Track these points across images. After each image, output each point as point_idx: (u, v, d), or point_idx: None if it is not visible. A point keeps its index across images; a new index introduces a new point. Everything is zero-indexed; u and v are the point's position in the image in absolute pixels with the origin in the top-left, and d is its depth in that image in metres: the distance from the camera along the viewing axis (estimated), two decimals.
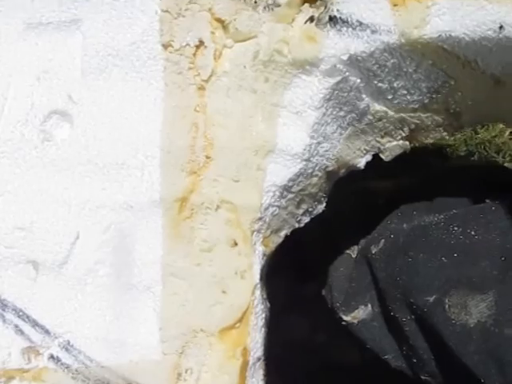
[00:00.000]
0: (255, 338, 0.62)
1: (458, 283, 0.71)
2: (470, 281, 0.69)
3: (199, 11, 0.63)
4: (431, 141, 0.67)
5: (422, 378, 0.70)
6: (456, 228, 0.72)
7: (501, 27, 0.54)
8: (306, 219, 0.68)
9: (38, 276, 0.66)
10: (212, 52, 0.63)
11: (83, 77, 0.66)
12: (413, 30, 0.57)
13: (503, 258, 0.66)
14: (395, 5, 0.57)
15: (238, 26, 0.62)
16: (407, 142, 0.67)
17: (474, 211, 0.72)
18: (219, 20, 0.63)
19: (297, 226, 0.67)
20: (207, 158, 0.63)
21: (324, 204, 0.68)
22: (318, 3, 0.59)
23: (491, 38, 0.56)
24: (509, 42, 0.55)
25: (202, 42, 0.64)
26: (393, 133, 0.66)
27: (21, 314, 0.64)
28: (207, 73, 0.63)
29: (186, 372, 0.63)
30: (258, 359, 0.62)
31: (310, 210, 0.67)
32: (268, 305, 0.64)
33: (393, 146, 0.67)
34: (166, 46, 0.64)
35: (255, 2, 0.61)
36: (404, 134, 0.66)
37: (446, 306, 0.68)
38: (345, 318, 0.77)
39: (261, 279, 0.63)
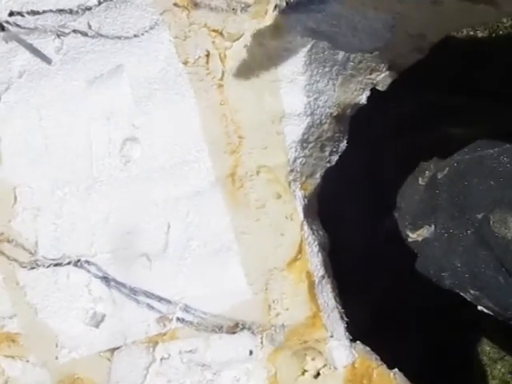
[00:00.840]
0: (314, 262, 1.25)
1: (500, 203, 1.33)
2: (510, 201, 1.25)
3: (199, 29, 1.28)
4: (410, 63, 1.23)
5: (471, 292, 1.26)
6: (505, 158, 1.35)
7: None
8: (335, 158, 1.30)
9: (152, 263, 1.36)
10: (218, 56, 1.28)
11: (137, 106, 1.35)
12: None
13: None
14: None
15: (229, 30, 1.26)
16: (393, 71, 1.24)
17: None
18: (215, 30, 1.27)
19: (328, 165, 1.29)
20: (239, 137, 1.28)
21: (345, 141, 1.29)
22: None
23: None
24: None
25: (208, 52, 1.27)
26: (377, 67, 1.26)
27: (148, 294, 1.35)
28: (219, 73, 1.28)
29: (273, 302, 1.28)
30: (323, 277, 1.26)
31: (335, 149, 1.30)
32: (320, 234, 1.25)
33: (382, 78, 1.27)
34: (185, 63, 1.31)
35: (233, 9, 1.23)
36: (387, 66, 1.23)
37: (491, 222, 1.28)
38: (411, 235, 1.38)
39: (305, 216, 1.24)
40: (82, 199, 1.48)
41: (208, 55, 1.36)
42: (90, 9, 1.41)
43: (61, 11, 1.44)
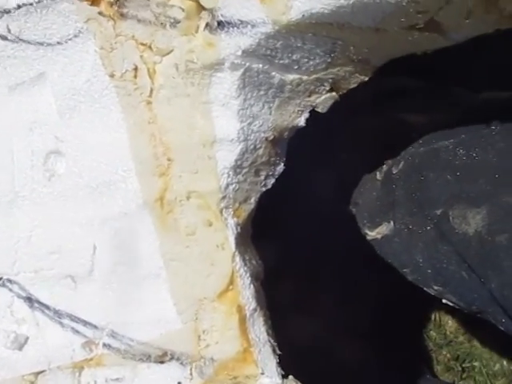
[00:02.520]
0: (246, 295, 1.19)
1: (458, 198, 1.25)
2: (468, 196, 1.23)
3: (126, 41, 1.19)
4: (355, 85, 1.15)
5: (435, 287, 1.22)
6: (461, 150, 1.26)
7: None
8: (271, 181, 1.23)
9: (77, 286, 1.30)
10: (146, 72, 1.19)
11: (61, 118, 1.26)
12: (281, 16, 1.08)
13: (497, 176, 1.16)
14: None
15: (158, 45, 1.17)
16: (334, 93, 1.16)
17: (478, 136, 1.23)
18: (143, 44, 1.18)
19: (264, 189, 1.22)
20: (169, 160, 1.20)
21: (282, 165, 1.21)
22: (204, 13, 1.10)
23: (346, 5, 1.03)
24: (362, 5, 1.02)
25: (136, 66, 1.19)
26: (317, 90, 1.17)
27: (73, 317, 1.29)
28: (148, 90, 1.20)
29: (203, 333, 1.23)
30: (255, 310, 1.20)
31: (271, 173, 1.23)
32: (253, 264, 1.19)
33: (323, 100, 1.19)
34: (112, 76, 1.21)
35: (162, 24, 1.14)
36: (327, 88, 1.16)
37: (451, 218, 1.22)
38: (370, 233, 1.33)
39: (237, 246, 1.17)
40: (4, 214, 1.40)
41: (136, 69, 1.27)
42: (8, 12, 1.31)
43: None
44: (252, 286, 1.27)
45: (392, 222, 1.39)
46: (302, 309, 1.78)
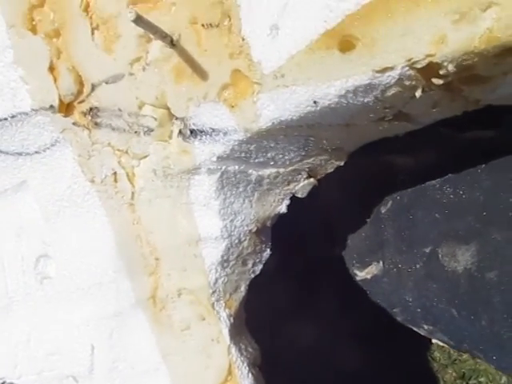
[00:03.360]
0: None
1: (447, 235, 1.29)
2: (457, 233, 1.27)
3: (102, 148, 1.21)
4: (331, 170, 1.18)
5: (425, 327, 1.24)
6: (448, 189, 1.29)
7: (315, 102, 1.04)
8: (259, 267, 1.25)
9: None
10: (125, 176, 1.22)
11: (46, 223, 1.28)
12: (251, 124, 1.10)
13: (484, 213, 1.18)
14: (232, 106, 1.10)
15: (134, 151, 1.19)
16: (312, 179, 1.19)
17: (464, 174, 1.25)
18: (119, 150, 1.21)
19: (252, 276, 1.24)
20: (156, 259, 1.23)
21: (268, 250, 1.24)
22: (176, 121, 1.12)
23: (314, 110, 1.06)
24: (330, 109, 1.05)
25: (115, 171, 1.21)
26: (294, 179, 1.21)
27: None
28: (129, 193, 1.22)
29: None
30: None
31: (258, 260, 1.26)
32: (249, 351, 1.22)
33: (301, 187, 1.22)
34: (92, 181, 1.23)
35: (135, 132, 1.16)
36: (305, 176, 1.18)
37: (440, 256, 1.24)
38: (359, 273, 1.37)
39: (231, 338, 1.20)
40: (1, 319, 1.43)
41: (115, 174, 1.29)
42: None
43: None
44: (250, 374, 1.30)
45: (381, 262, 1.42)
46: (302, 313, 1.81)
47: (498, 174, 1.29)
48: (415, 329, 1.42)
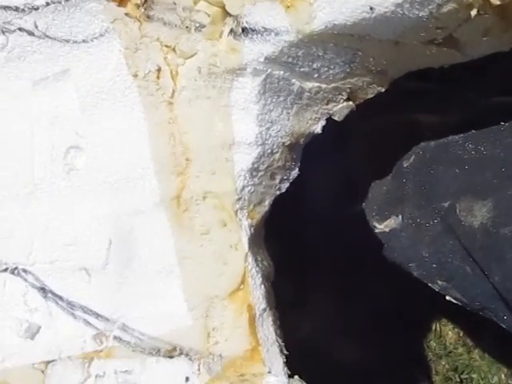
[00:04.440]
0: (256, 295, 1.25)
1: (466, 191, 1.32)
2: (475, 188, 1.30)
3: (150, 42, 1.24)
4: (371, 96, 1.20)
5: (439, 282, 1.27)
6: (470, 145, 1.33)
7: (371, 8, 1.07)
8: (286, 185, 1.28)
9: (91, 278, 1.35)
10: (169, 73, 1.25)
11: (82, 114, 1.32)
12: (304, 26, 1.13)
13: (503, 169, 1.21)
14: (288, 7, 1.13)
15: (182, 48, 1.23)
16: (350, 102, 1.23)
17: (487, 131, 1.29)
18: (167, 46, 1.24)
19: (278, 193, 1.27)
20: (187, 160, 1.26)
21: (297, 169, 1.27)
22: (229, 19, 1.15)
23: (368, 18, 1.09)
24: (384, 18, 1.08)
25: (159, 67, 1.24)
26: (334, 99, 1.23)
27: (85, 309, 1.34)
28: (170, 90, 1.25)
29: (213, 330, 1.29)
30: (264, 310, 1.26)
31: (285, 177, 1.29)
32: (264, 264, 1.24)
33: (339, 109, 1.24)
34: (135, 76, 1.27)
35: (187, 27, 1.19)
36: (345, 97, 1.22)
37: (457, 210, 1.29)
38: (378, 226, 1.39)
39: (250, 247, 1.23)
40: (22, 205, 1.46)
41: (159, 70, 1.32)
42: (37, 8, 1.36)
43: (6, 8, 1.38)
44: (263, 286, 1.33)
45: (400, 216, 1.44)
46: (300, 308, 1.85)
47: None
48: (430, 284, 1.44)
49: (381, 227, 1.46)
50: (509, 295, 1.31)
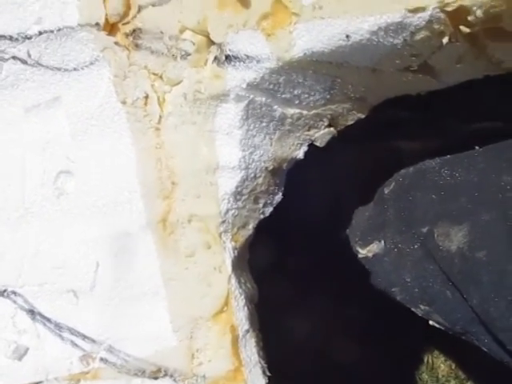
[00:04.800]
0: (239, 316, 1.29)
1: (442, 216, 1.37)
2: (451, 214, 1.35)
3: (139, 70, 1.31)
4: (352, 122, 1.26)
5: (421, 307, 1.31)
6: (446, 171, 1.38)
7: (347, 36, 1.13)
8: (269, 209, 1.32)
9: (79, 300, 1.39)
10: (156, 100, 1.31)
11: (73, 140, 1.37)
12: (284, 53, 1.19)
13: (476, 194, 1.26)
14: (269, 35, 1.19)
15: (168, 75, 1.29)
16: (332, 129, 1.28)
17: (461, 156, 1.34)
18: (155, 73, 1.30)
19: (262, 217, 1.32)
20: (173, 184, 1.31)
21: (280, 194, 1.33)
22: (213, 47, 1.22)
23: (345, 45, 1.15)
24: (360, 46, 1.14)
25: (147, 94, 1.30)
26: (315, 125, 1.29)
27: (73, 331, 1.38)
28: (157, 117, 1.31)
29: (196, 351, 1.33)
30: (247, 331, 1.30)
31: (269, 201, 1.34)
32: (248, 287, 1.29)
33: (321, 135, 1.30)
34: (123, 103, 1.33)
35: (173, 55, 1.25)
36: (326, 123, 1.27)
37: (435, 235, 1.32)
38: (361, 251, 1.44)
39: (233, 269, 1.27)
40: (13, 228, 1.51)
41: (147, 97, 1.38)
42: (30, 38, 1.43)
43: (0, 37, 1.45)
44: (246, 308, 1.37)
45: (383, 242, 1.49)
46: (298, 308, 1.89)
47: (493, 157, 1.37)
48: (413, 309, 1.48)
49: (363, 252, 1.51)
50: (487, 318, 1.35)
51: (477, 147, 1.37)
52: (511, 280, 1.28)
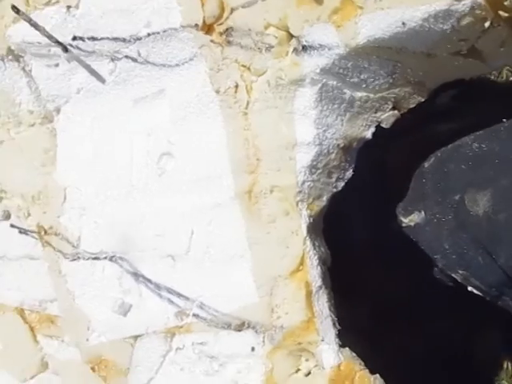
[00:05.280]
0: (313, 274, 1.54)
1: (470, 184, 1.57)
2: (477, 182, 1.55)
3: (230, 63, 1.58)
4: (413, 105, 1.50)
5: (460, 272, 1.53)
6: (475, 144, 1.63)
7: (403, 23, 1.39)
8: (341, 184, 1.58)
9: (175, 264, 1.67)
10: (244, 88, 1.58)
11: (173, 125, 1.66)
12: (351, 41, 1.45)
13: (497, 161, 1.48)
14: (338, 26, 1.45)
15: (255, 66, 1.56)
16: (396, 111, 1.52)
17: (489, 130, 1.59)
18: (243, 65, 1.57)
19: (334, 190, 1.57)
20: (257, 160, 1.58)
21: (351, 170, 1.56)
22: (292, 39, 1.49)
23: (402, 32, 1.40)
24: (414, 32, 1.39)
25: (237, 83, 1.57)
26: (381, 108, 1.53)
27: (170, 290, 1.66)
28: (245, 103, 1.58)
29: (276, 306, 1.57)
30: (320, 288, 1.54)
31: (341, 177, 1.58)
32: (321, 250, 1.53)
33: (386, 117, 1.54)
34: (217, 92, 1.61)
35: (259, 49, 1.53)
36: (390, 106, 1.51)
37: (466, 202, 1.51)
38: (404, 220, 1.67)
39: (308, 233, 1.52)
40: (121, 203, 1.80)
41: (237, 86, 1.65)
42: (140, 39, 1.73)
43: (115, 39, 1.76)
44: (319, 267, 1.60)
45: (423, 212, 1.71)
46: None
47: None
48: (453, 275, 1.69)
49: (406, 221, 1.73)
50: None
51: (504, 120, 1.58)
52: None
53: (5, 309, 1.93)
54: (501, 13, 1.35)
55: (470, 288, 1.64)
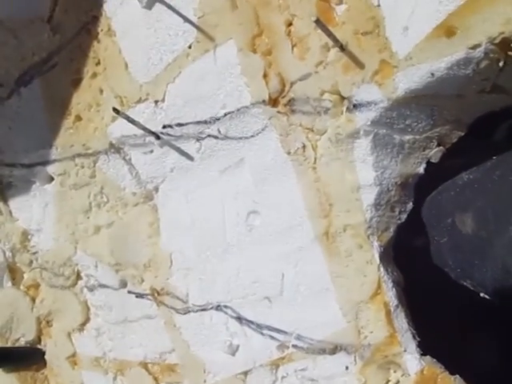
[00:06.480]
0: (389, 295, 1.89)
1: (457, 207, 1.89)
2: (462, 204, 1.90)
3: (296, 128, 1.99)
4: (455, 140, 1.88)
5: (468, 281, 1.88)
6: (466, 175, 1.96)
7: (432, 74, 1.78)
8: (404, 215, 1.94)
9: (272, 304, 2.05)
10: (311, 147, 1.98)
11: (255, 187, 2.06)
12: (392, 94, 1.84)
13: (476, 186, 1.84)
14: (380, 84, 1.85)
15: (317, 127, 1.96)
16: (441, 147, 1.89)
17: (480, 165, 1.92)
18: (307, 128, 1.98)
19: (399, 222, 1.94)
20: (330, 205, 1.97)
21: (411, 203, 1.93)
22: (345, 101, 1.89)
23: (432, 81, 1.79)
24: (442, 79, 1.78)
25: (304, 144, 1.98)
26: (428, 146, 1.91)
27: (270, 328, 2.05)
28: (312, 159, 1.98)
29: (362, 328, 1.94)
30: (397, 306, 1.89)
31: (403, 209, 1.95)
32: (394, 274, 1.90)
33: (434, 153, 1.91)
34: (288, 153, 2.01)
35: (318, 112, 1.93)
36: (435, 144, 1.89)
37: (456, 223, 1.85)
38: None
39: (380, 260, 1.89)
40: (220, 259, 2.20)
41: (304, 146, 2.05)
42: (218, 119, 2.16)
43: (198, 122, 2.20)
44: (394, 288, 1.96)
45: (426, 236, 2.06)
46: None
47: (501, 160, 1.92)
48: (465, 283, 2.00)
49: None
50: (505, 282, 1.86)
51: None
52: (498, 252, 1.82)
53: (131, 365, 2.34)
54: (510, 53, 1.72)
55: (482, 294, 1.97)
